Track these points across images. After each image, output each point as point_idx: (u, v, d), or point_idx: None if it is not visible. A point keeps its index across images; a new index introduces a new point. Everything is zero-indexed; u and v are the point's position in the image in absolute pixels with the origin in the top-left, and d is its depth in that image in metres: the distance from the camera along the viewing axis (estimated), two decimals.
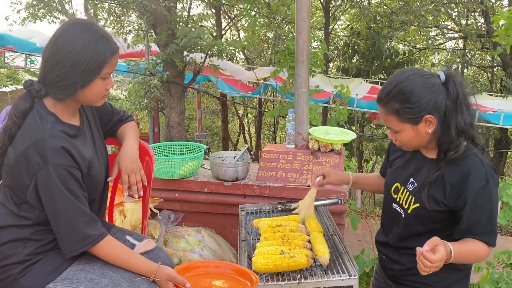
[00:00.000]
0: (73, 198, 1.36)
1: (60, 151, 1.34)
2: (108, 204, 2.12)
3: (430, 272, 1.28)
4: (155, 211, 2.73)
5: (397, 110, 1.41)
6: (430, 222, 1.48)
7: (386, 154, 1.77)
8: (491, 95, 11.09)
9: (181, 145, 3.04)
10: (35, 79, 1.45)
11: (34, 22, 12.93)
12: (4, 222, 1.43)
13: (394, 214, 1.59)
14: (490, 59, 14.47)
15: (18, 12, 13.43)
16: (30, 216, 1.42)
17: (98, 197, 1.62)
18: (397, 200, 1.57)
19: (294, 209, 1.96)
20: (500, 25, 2.29)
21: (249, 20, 7.93)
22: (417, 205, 1.47)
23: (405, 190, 1.54)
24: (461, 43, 14.73)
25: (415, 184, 1.51)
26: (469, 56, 13.86)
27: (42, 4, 11.58)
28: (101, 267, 1.48)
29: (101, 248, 1.43)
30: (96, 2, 13.15)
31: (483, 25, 12.43)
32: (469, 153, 1.40)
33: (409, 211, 1.51)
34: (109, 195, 2.10)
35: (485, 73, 16.35)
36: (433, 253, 1.26)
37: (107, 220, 2.07)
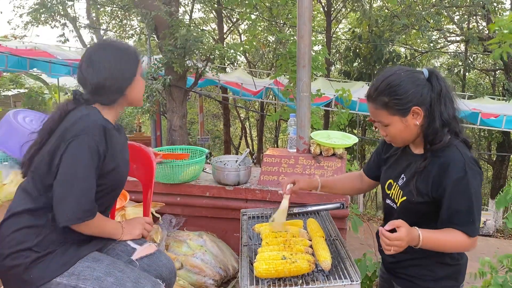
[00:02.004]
0: (93, 170, 1.47)
1: (100, 128, 1.50)
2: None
3: (392, 251, 1.36)
4: (157, 215, 2.73)
5: (386, 103, 1.47)
6: (418, 215, 1.52)
7: (377, 152, 1.81)
8: (493, 98, 11.08)
9: (182, 149, 3.04)
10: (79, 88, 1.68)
11: (37, 27, 13.02)
12: (23, 206, 1.52)
13: (388, 209, 1.67)
14: (492, 62, 14.46)
15: (21, 16, 13.52)
16: (49, 202, 1.48)
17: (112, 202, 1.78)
18: (390, 195, 1.64)
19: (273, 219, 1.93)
20: (496, 32, 2.29)
21: (249, 24, 7.95)
22: (404, 198, 1.54)
23: (396, 185, 1.61)
24: (463, 47, 14.72)
25: (404, 179, 1.57)
26: (471, 59, 13.86)
27: (45, 9, 11.64)
28: (107, 265, 1.52)
29: (93, 222, 1.52)
30: (98, 7, 13.22)
31: (485, 29, 12.43)
32: (450, 144, 1.46)
33: (398, 205, 1.58)
34: None
35: (487, 76, 16.35)
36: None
37: None
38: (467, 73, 14.67)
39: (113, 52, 1.63)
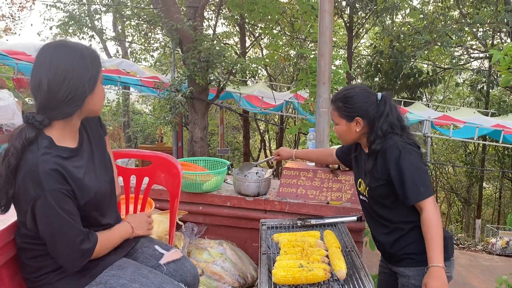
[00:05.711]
0: (70, 218, 1.41)
1: (53, 174, 1.38)
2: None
3: None
4: (180, 223, 2.84)
5: (339, 107, 1.90)
6: (382, 199, 1.86)
7: (352, 147, 2.12)
8: None
9: (205, 160, 3.16)
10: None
11: (65, 38, 13.51)
12: (26, 239, 1.52)
13: (363, 203, 2.04)
14: None
15: (51, 28, 14.07)
16: None
17: (114, 218, 1.70)
18: (361, 191, 2.00)
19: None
20: (499, 61, 2.38)
21: (271, 39, 8.10)
22: (367, 188, 1.91)
23: (362, 181, 1.98)
24: (486, 63, 14.55)
25: (364, 174, 1.95)
26: (495, 76, 13.67)
27: (73, 21, 12.12)
28: (132, 273, 1.59)
29: (96, 253, 1.53)
30: (124, 20, 13.65)
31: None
32: (391, 143, 1.79)
33: (367, 196, 1.94)
34: (139, 207, 2.23)
35: None
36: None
37: None
38: (490, 90, 14.47)
39: (70, 54, 1.44)
